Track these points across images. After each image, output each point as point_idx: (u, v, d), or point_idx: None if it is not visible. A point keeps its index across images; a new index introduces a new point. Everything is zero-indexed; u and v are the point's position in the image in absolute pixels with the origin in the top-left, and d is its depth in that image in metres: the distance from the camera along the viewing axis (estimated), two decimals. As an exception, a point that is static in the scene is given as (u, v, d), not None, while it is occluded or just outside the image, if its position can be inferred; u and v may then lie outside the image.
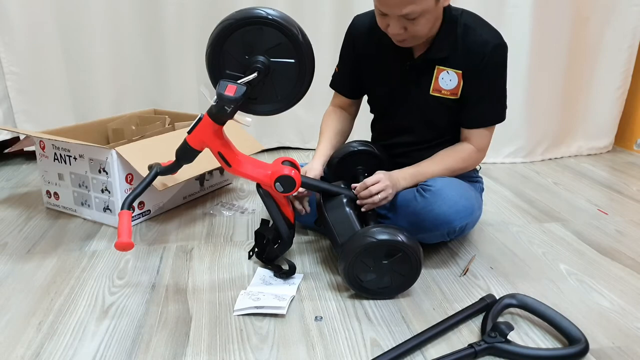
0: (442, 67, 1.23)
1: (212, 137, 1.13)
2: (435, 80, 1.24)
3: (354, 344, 0.99)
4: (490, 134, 1.30)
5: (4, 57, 1.98)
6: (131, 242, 1.03)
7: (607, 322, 1.07)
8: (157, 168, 1.22)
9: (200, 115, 1.12)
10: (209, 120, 1.11)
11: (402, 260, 1.09)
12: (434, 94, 1.26)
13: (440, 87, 1.24)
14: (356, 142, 1.43)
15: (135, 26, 2.10)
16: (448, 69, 1.22)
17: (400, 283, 1.13)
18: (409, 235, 1.09)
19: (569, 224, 1.58)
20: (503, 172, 2.11)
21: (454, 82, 1.23)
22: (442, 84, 1.24)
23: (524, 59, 2.10)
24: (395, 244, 1.07)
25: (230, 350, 0.97)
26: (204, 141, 1.14)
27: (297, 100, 1.17)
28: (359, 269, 1.10)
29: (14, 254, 1.35)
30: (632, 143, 2.43)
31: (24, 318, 1.07)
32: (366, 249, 1.07)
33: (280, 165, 1.18)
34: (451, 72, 1.22)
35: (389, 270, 1.10)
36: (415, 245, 1.09)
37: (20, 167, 2.12)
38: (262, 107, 1.18)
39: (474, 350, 0.94)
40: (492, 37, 1.20)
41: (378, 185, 1.19)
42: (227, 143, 1.16)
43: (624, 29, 2.19)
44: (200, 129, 1.12)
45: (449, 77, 1.23)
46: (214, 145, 1.14)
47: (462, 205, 1.19)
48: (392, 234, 1.08)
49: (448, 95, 1.24)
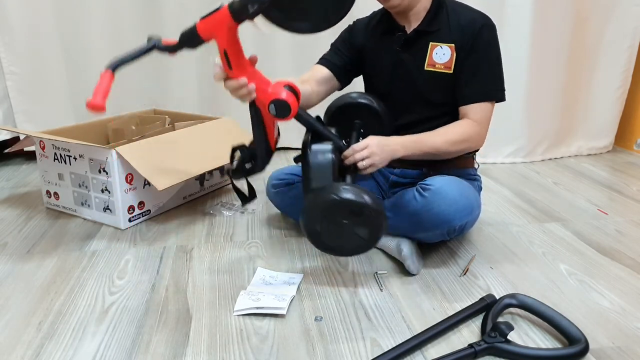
0: (435, 42, 1.26)
1: (224, 32, 1.03)
2: (430, 56, 1.27)
3: (354, 344, 0.99)
4: (488, 109, 1.27)
5: (4, 57, 1.99)
6: (103, 105, 0.97)
7: (607, 322, 1.07)
8: (155, 42, 1.13)
9: (220, 5, 1.02)
10: (227, 13, 1.00)
11: (363, 223, 1.07)
12: (428, 68, 1.27)
13: (434, 61, 1.27)
14: (356, 93, 1.36)
15: (135, 26, 2.10)
16: (441, 43, 1.25)
17: (357, 245, 1.12)
18: (375, 200, 1.08)
19: (569, 224, 1.58)
20: (503, 172, 2.11)
21: (447, 55, 1.25)
22: (436, 58, 1.26)
23: (524, 58, 2.10)
24: (359, 206, 1.06)
25: (230, 350, 0.97)
26: (214, 33, 1.04)
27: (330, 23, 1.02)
28: (319, 222, 1.09)
29: (14, 254, 1.35)
30: (632, 143, 2.43)
31: (24, 318, 1.07)
32: (330, 205, 1.06)
33: (281, 87, 1.10)
34: (444, 46, 1.25)
35: (348, 230, 1.09)
36: (379, 210, 1.07)
37: (20, 167, 2.12)
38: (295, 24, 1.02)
39: (474, 350, 0.94)
40: (481, 16, 1.25)
41: (364, 151, 1.17)
42: (237, 44, 1.06)
43: (624, 29, 2.19)
44: (214, 19, 1.02)
45: (443, 51, 1.26)
46: (222, 41, 1.04)
47: (461, 204, 1.19)
48: (358, 195, 1.06)
49: (442, 69, 1.26)
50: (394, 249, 1.29)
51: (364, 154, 1.16)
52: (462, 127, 1.27)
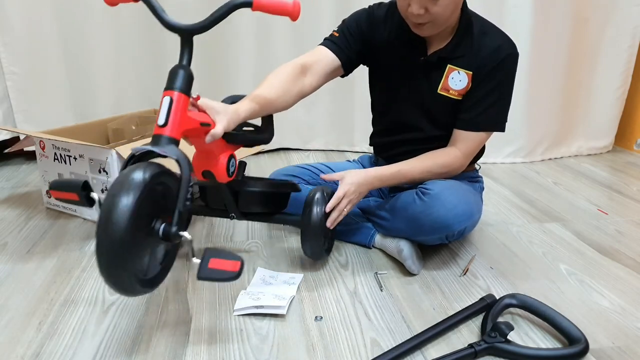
0: (453, 66, 1.21)
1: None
2: (445, 79, 1.22)
3: (354, 344, 0.99)
4: (480, 140, 1.25)
5: (4, 57, 1.99)
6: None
7: (607, 322, 1.07)
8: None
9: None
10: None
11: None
12: (441, 92, 1.23)
13: (449, 86, 1.22)
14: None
15: (135, 26, 2.10)
16: (459, 68, 1.20)
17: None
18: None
19: (569, 224, 1.58)
20: (503, 172, 2.11)
21: (463, 82, 1.21)
22: (452, 84, 1.22)
23: (524, 59, 2.08)
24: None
25: (230, 350, 0.97)
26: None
27: None
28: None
29: (14, 254, 1.35)
30: (632, 143, 2.43)
31: (24, 318, 1.07)
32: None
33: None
34: (462, 72, 1.20)
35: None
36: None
37: (20, 167, 2.12)
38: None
39: (474, 350, 0.94)
40: (508, 44, 1.19)
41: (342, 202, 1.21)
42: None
43: (624, 29, 2.19)
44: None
45: (459, 77, 1.21)
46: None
47: (460, 209, 1.17)
48: None
49: (455, 95, 1.22)
50: (394, 249, 1.29)
51: (342, 204, 1.21)
52: (445, 159, 1.24)
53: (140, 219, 0.82)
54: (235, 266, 0.85)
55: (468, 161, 1.27)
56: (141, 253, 0.85)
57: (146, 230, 0.86)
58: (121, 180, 0.81)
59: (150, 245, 0.88)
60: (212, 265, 0.86)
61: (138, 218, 0.80)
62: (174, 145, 0.90)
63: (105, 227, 0.77)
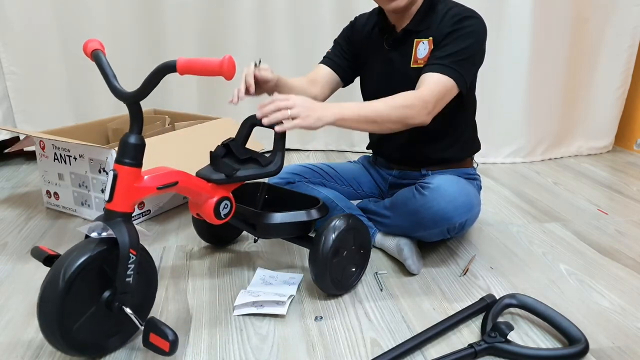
0: (419, 38, 1.26)
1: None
2: (415, 53, 1.26)
3: (354, 344, 0.99)
4: (441, 85, 1.17)
5: (4, 57, 1.99)
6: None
7: (607, 322, 1.07)
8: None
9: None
10: None
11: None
12: (414, 66, 1.26)
13: (417, 58, 1.26)
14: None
15: (135, 26, 2.10)
16: (423, 39, 1.25)
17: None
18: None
19: (569, 224, 1.58)
20: (503, 172, 2.11)
21: (427, 49, 1.24)
22: (419, 54, 1.26)
23: (524, 59, 2.10)
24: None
25: (230, 350, 0.97)
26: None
27: None
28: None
29: (14, 254, 1.35)
30: (632, 143, 2.43)
31: (24, 318, 1.07)
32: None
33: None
34: (425, 41, 1.24)
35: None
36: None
37: (20, 167, 2.12)
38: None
39: (474, 350, 0.94)
40: (470, 12, 1.21)
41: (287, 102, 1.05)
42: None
43: (624, 29, 2.19)
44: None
45: (424, 46, 1.25)
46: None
47: (461, 201, 1.18)
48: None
49: (422, 64, 1.24)
50: (394, 249, 1.29)
51: (287, 103, 1.04)
52: (407, 95, 1.17)
53: (77, 294, 0.87)
54: (165, 346, 0.85)
55: (430, 108, 1.17)
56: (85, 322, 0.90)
57: (94, 299, 0.91)
58: (61, 260, 0.87)
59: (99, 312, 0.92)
60: (151, 340, 0.88)
61: (72, 295, 0.86)
62: (123, 218, 0.91)
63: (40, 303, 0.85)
